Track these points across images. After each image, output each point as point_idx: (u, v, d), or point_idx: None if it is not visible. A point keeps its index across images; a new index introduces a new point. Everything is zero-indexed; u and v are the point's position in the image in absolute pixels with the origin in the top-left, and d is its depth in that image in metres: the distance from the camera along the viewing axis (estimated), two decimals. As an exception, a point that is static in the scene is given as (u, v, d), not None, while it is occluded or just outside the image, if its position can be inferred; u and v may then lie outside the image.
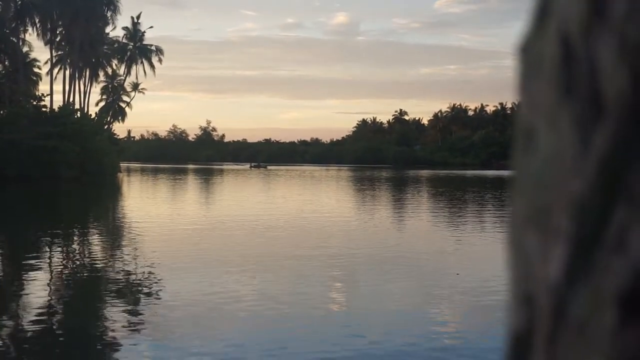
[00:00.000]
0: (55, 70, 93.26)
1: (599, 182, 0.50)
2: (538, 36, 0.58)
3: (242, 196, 59.57)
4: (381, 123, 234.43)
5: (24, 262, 23.15)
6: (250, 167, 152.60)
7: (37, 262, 23.31)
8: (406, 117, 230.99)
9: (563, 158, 0.53)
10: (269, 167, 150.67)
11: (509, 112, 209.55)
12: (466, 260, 24.16)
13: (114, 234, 32.19)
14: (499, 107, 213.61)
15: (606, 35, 0.50)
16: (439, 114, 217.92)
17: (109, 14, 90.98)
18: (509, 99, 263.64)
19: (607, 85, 0.50)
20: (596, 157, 0.50)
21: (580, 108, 0.52)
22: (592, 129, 0.51)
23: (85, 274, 21.75)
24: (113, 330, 14.16)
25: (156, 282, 19.32)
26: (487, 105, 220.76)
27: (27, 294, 18.03)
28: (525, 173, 0.58)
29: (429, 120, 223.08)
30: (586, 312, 0.51)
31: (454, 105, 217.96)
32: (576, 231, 0.52)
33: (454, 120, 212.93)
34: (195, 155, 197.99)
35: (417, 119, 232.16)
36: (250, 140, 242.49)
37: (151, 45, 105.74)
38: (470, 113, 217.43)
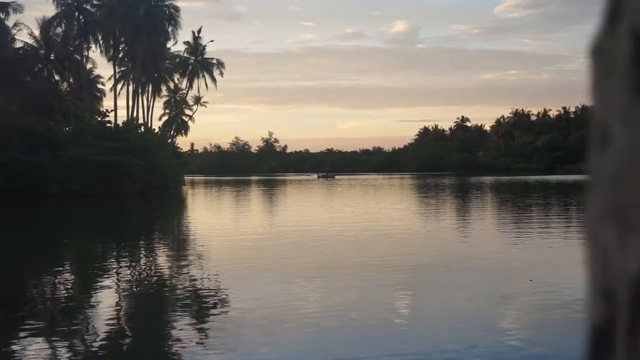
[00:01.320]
0: (119, 86, 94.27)
1: None
2: (610, 36, 0.59)
3: (310, 206, 59.55)
4: (443, 130, 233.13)
5: (92, 275, 23.47)
6: (318, 177, 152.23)
7: (105, 275, 23.65)
8: (468, 124, 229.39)
9: (638, 154, 0.54)
10: (336, 177, 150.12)
11: (572, 116, 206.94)
12: (538, 266, 23.77)
13: (180, 246, 32.36)
14: (562, 112, 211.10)
15: None
16: (502, 119, 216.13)
17: (170, 29, 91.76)
18: (572, 102, 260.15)
19: None
20: None
21: None
22: None
23: (152, 285, 21.96)
24: (181, 339, 14.23)
25: (222, 292, 19.43)
26: (550, 110, 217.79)
27: (97, 305, 18.31)
28: (601, 171, 0.59)
29: (491, 127, 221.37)
30: None
31: (516, 110, 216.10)
32: None
33: (517, 125, 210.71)
34: (258, 167, 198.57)
35: (479, 125, 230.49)
36: (312, 150, 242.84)
37: (212, 58, 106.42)
38: (533, 118, 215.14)
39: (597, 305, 0.59)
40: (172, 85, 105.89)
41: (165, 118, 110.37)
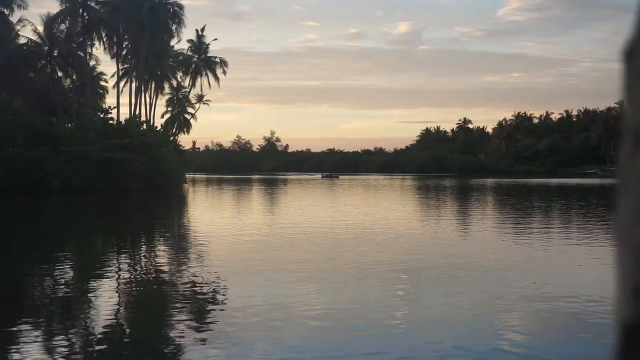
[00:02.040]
0: (122, 83, 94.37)
1: None
2: None
3: (318, 205, 59.57)
4: (445, 132, 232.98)
5: (93, 271, 23.57)
6: (322, 177, 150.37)
7: (105, 271, 23.74)
8: (470, 126, 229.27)
9: None
10: (340, 177, 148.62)
11: (574, 119, 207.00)
12: (540, 268, 23.84)
13: (180, 243, 32.42)
14: (565, 115, 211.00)
15: None
16: (504, 122, 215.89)
17: (174, 27, 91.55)
18: (575, 106, 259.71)
19: None
20: None
21: None
22: None
23: (152, 281, 21.98)
24: (181, 334, 14.32)
25: (221, 288, 19.51)
26: (552, 113, 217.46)
27: (96, 300, 18.33)
28: (634, 172, 0.60)
29: (493, 129, 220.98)
30: None
31: (518, 113, 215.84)
32: None
33: (519, 128, 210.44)
34: (260, 166, 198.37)
35: (481, 127, 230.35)
36: (313, 150, 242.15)
37: (215, 57, 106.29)
38: (535, 121, 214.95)
39: (630, 304, 0.60)
40: (175, 83, 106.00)
41: (167, 116, 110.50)
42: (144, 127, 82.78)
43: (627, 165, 0.61)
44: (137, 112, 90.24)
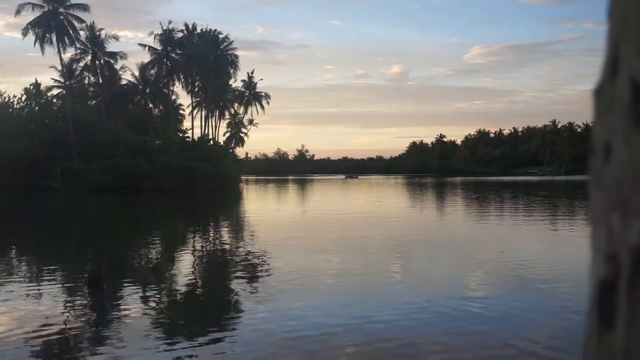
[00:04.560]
0: (195, 112, 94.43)
1: None
2: (610, 82, 0.61)
3: (338, 197, 59.43)
4: (426, 144, 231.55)
5: (175, 248, 23.56)
6: (346, 177, 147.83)
7: (184, 244, 23.76)
8: (445, 139, 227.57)
9: (636, 164, 0.57)
10: (359, 177, 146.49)
11: (520, 134, 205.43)
12: (503, 242, 23.58)
13: (237, 227, 32.36)
14: (513, 131, 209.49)
15: None
16: (469, 136, 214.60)
17: (231, 71, 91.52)
18: (520, 124, 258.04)
19: None
20: None
21: None
22: None
23: (217, 255, 21.89)
24: (235, 295, 14.17)
25: (266, 260, 19.24)
26: (504, 130, 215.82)
27: (177, 265, 18.25)
28: (605, 175, 0.61)
29: (461, 141, 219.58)
30: None
31: (479, 129, 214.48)
32: None
33: (480, 140, 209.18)
34: (294, 170, 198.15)
35: (452, 140, 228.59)
36: (332, 158, 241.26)
37: (261, 92, 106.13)
38: (492, 135, 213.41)
39: (602, 267, 0.60)
40: (232, 111, 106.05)
41: (227, 134, 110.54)
42: (211, 143, 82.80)
43: (599, 169, 0.62)
44: (206, 132, 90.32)
